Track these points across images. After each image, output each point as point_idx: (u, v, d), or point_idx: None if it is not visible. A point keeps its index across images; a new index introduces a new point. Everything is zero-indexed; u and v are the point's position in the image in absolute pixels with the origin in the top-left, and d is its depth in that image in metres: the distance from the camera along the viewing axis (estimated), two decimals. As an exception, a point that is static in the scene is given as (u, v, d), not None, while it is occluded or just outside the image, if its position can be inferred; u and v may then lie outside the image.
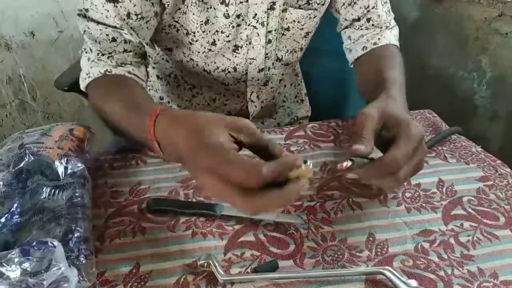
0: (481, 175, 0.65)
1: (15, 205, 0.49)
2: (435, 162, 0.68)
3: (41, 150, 0.55)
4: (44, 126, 0.61)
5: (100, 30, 0.66)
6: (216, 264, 0.47)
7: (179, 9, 0.69)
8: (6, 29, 1.47)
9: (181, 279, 0.48)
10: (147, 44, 0.71)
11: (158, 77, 0.87)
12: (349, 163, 0.49)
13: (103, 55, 0.68)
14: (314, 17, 0.77)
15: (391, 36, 0.79)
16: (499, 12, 1.31)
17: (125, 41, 0.68)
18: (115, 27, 0.65)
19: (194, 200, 0.59)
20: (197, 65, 0.78)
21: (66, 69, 1.03)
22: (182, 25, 0.71)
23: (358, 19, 0.79)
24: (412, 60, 1.56)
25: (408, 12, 1.53)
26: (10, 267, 0.39)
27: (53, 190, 0.51)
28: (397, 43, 0.80)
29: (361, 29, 0.80)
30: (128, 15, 0.64)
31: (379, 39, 0.78)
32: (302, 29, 0.77)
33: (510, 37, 1.29)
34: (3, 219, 0.48)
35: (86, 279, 0.44)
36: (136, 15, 0.65)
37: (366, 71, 0.76)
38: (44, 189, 0.51)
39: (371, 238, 0.53)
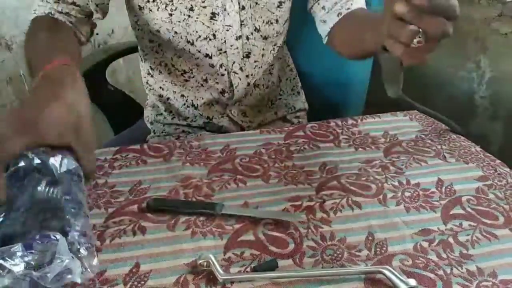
0: (480, 174, 0.65)
1: (11, 202, 0.49)
2: (434, 161, 0.68)
3: (40, 152, 0.55)
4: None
5: None
6: (216, 263, 0.47)
7: None
8: (6, 29, 1.47)
9: (181, 278, 0.48)
10: (103, 9, 0.76)
11: (151, 68, 0.90)
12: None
13: None
14: None
15: (362, 1, 0.82)
16: (499, 12, 1.31)
17: None
18: None
19: (194, 199, 0.59)
20: (180, 37, 0.80)
21: (66, 69, 1.03)
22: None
23: None
24: (412, 60, 1.56)
25: (408, 12, 1.53)
26: (13, 261, 0.39)
27: (48, 186, 0.51)
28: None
29: None
30: None
31: (351, 4, 0.80)
32: None
33: (510, 37, 1.29)
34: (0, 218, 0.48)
35: (89, 270, 0.44)
36: None
37: (348, 28, 0.78)
38: (40, 185, 0.51)
39: (370, 238, 0.54)
